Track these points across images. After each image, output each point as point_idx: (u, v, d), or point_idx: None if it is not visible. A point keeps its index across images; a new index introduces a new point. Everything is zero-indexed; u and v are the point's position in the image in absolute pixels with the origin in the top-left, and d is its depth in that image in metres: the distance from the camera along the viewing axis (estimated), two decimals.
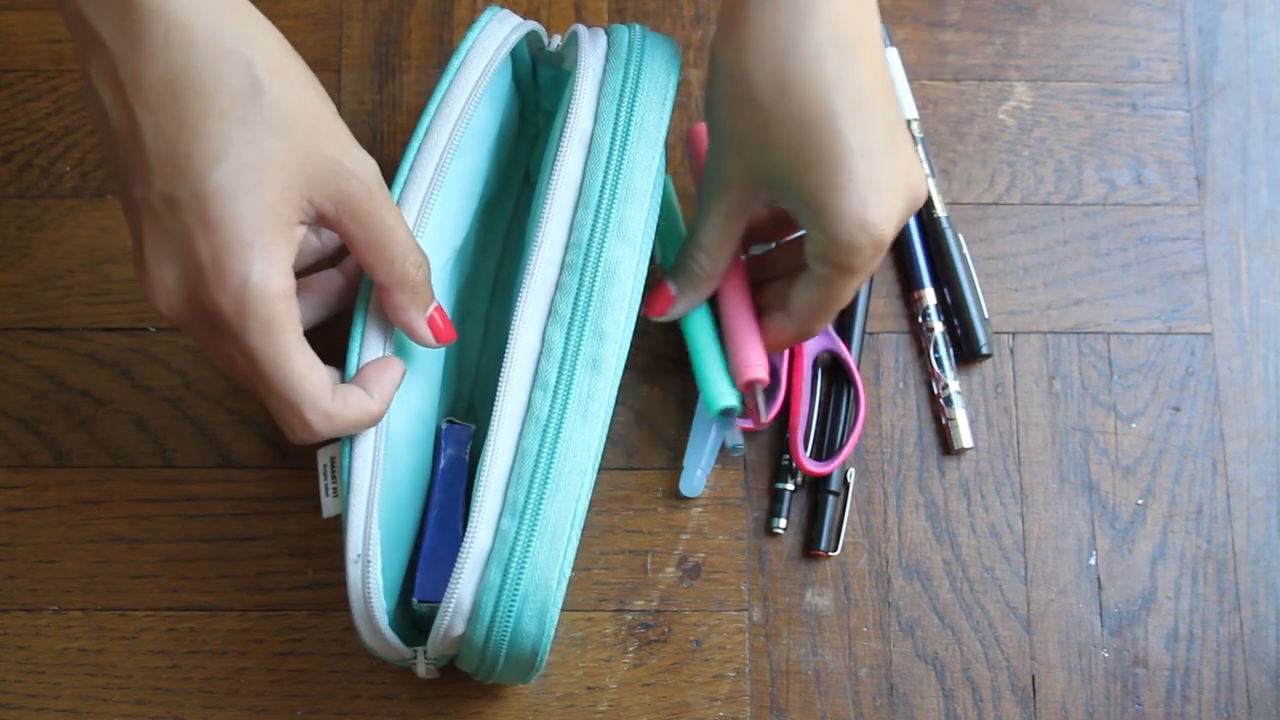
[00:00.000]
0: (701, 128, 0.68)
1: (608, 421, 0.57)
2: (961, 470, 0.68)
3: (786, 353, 0.67)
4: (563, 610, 0.65)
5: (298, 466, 0.67)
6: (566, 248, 0.58)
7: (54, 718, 0.65)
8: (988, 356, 0.69)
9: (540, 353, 0.57)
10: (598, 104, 0.59)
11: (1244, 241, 0.71)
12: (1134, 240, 0.71)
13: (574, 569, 0.66)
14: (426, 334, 0.56)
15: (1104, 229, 0.71)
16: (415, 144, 0.58)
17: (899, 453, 0.68)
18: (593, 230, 0.58)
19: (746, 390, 0.63)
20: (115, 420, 0.68)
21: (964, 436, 0.67)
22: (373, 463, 0.55)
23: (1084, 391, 0.69)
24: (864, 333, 0.69)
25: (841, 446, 0.67)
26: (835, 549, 0.66)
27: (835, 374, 0.68)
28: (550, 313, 0.57)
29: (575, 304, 0.57)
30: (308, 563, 0.66)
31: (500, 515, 0.55)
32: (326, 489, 0.58)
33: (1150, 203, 0.72)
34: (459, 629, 0.56)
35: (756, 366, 0.63)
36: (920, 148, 0.71)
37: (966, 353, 0.69)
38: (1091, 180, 0.72)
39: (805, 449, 0.66)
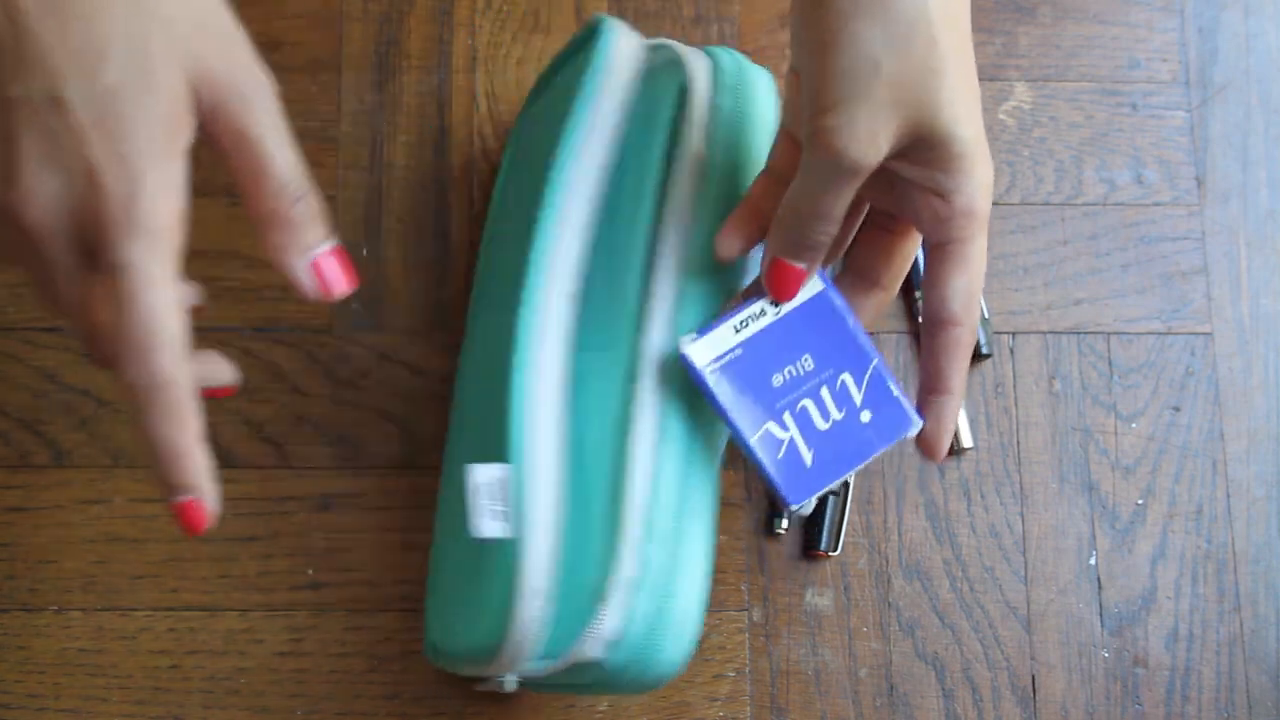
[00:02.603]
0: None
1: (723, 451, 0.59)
2: (961, 470, 0.68)
3: None
4: None
5: (298, 466, 0.67)
6: (686, 275, 0.57)
7: (54, 718, 0.64)
8: (988, 356, 0.69)
9: (669, 378, 0.56)
10: (708, 129, 0.59)
11: (1244, 241, 0.71)
12: (1134, 240, 0.71)
13: None
14: (306, 280, 0.50)
15: (1104, 229, 0.71)
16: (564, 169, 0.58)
17: (899, 453, 0.68)
18: (705, 253, 0.57)
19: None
20: (115, 420, 0.68)
21: (964, 436, 0.67)
22: (556, 495, 0.55)
23: (1084, 391, 0.69)
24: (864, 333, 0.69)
25: None
26: (835, 549, 0.66)
27: None
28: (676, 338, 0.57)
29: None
30: (308, 563, 0.66)
31: (646, 542, 0.54)
32: (482, 509, 0.55)
33: (1150, 203, 0.72)
34: (595, 654, 0.55)
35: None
36: None
37: None
38: (1091, 180, 0.72)
39: None
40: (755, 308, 0.55)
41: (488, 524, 0.54)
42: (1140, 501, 0.68)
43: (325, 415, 0.68)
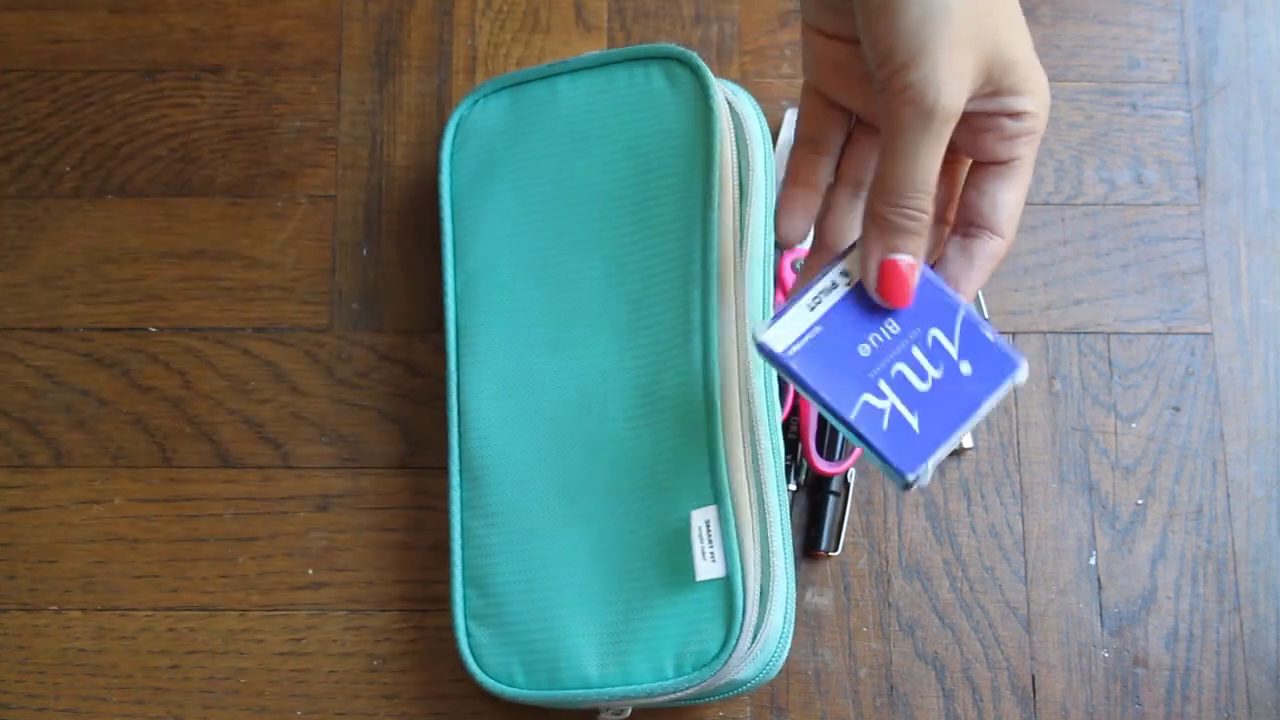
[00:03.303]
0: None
1: None
2: (961, 470, 0.68)
3: None
4: None
5: (298, 466, 0.67)
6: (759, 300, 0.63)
7: (54, 718, 0.64)
8: None
9: (750, 401, 0.61)
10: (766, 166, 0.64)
11: (1244, 241, 0.71)
12: (1134, 240, 0.71)
13: None
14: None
15: (1104, 229, 0.71)
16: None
17: None
18: (765, 282, 0.63)
19: None
20: (115, 420, 0.68)
21: (964, 436, 0.67)
22: (754, 533, 0.60)
23: (1084, 391, 0.69)
24: None
25: (845, 445, 0.67)
26: (835, 549, 0.66)
27: None
28: (752, 370, 0.62)
29: (764, 379, 0.62)
30: (308, 563, 0.66)
31: (783, 562, 0.61)
32: (703, 553, 0.59)
33: (1150, 203, 0.72)
34: (738, 674, 0.60)
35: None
36: None
37: None
38: (1091, 180, 0.72)
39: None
40: (825, 282, 0.52)
41: (705, 567, 0.59)
42: (1140, 501, 0.68)
43: (325, 415, 0.68)
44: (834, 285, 0.52)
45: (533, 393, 0.63)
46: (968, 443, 0.67)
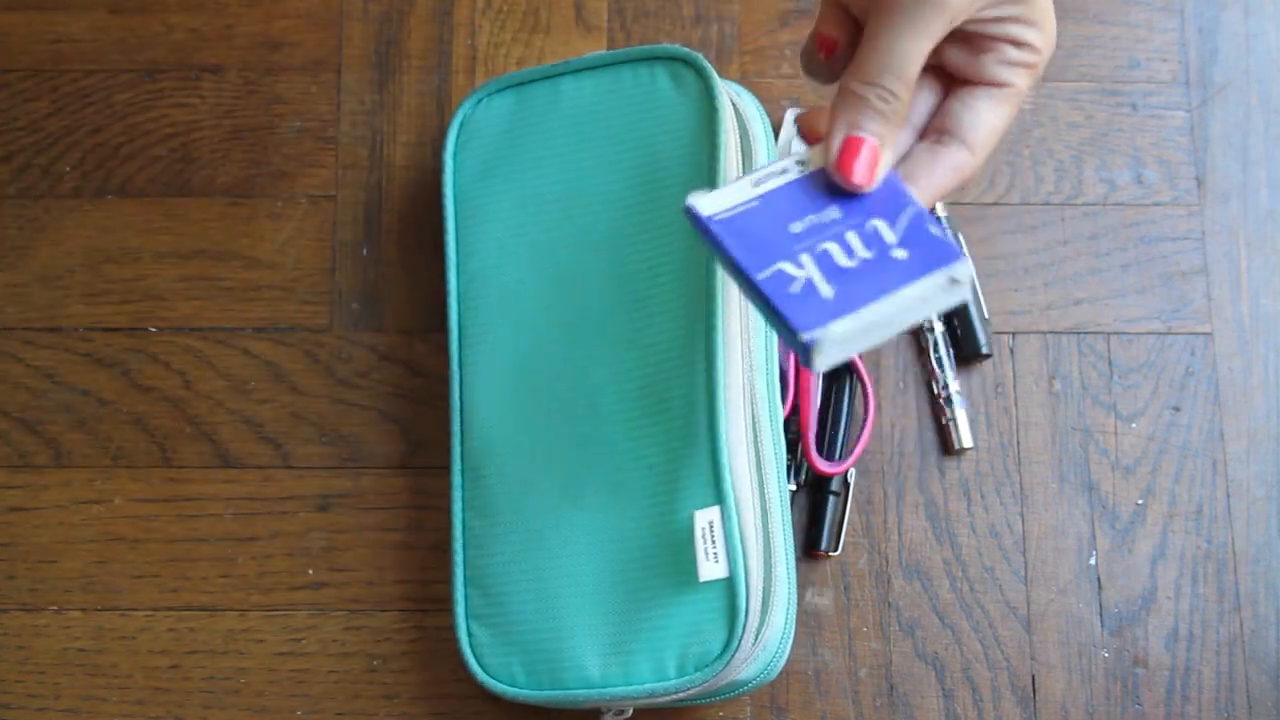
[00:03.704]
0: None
1: None
2: (961, 470, 0.68)
3: (793, 354, 0.67)
4: None
5: (298, 466, 0.67)
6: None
7: (54, 718, 0.64)
8: (988, 356, 0.69)
9: (753, 401, 0.62)
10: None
11: (1244, 241, 0.71)
12: (1134, 240, 0.71)
13: None
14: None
15: (1104, 229, 0.71)
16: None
17: (899, 453, 0.68)
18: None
19: None
20: (115, 420, 0.68)
21: (964, 436, 0.67)
22: (756, 535, 0.61)
23: (1084, 391, 0.69)
24: None
25: (845, 445, 0.67)
26: (835, 549, 0.66)
27: (834, 373, 0.68)
28: (755, 368, 0.62)
29: (768, 380, 0.62)
30: (308, 563, 0.66)
31: (784, 567, 0.61)
32: (706, 553, 0.60)
33: (1150, 203, 0.72)
34: (739, 674, 0.60)
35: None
36: None
37: (966, 353, 0.69)
38: (1091, 180, 0.72)
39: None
40: (777, 166, 0.50)
41: (708, 568, 0.59)
42: (1140, 501, 0.68)
43: (325, 415, 0.68)
44: (784, 171, 0.50)
45: (535, 393, 0.63)
46: (968, 443, 0.68)
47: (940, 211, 0.70)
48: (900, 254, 0.48)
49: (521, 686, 0.61)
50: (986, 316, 0.69)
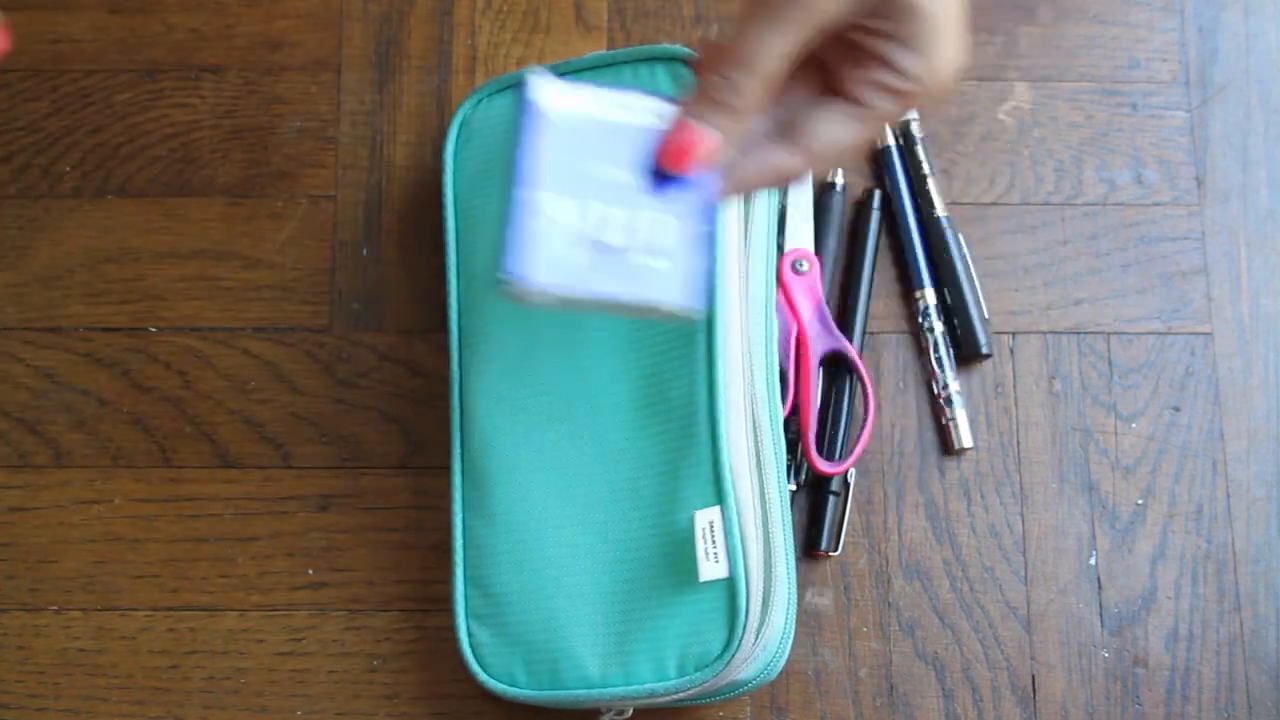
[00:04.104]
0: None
1: None
2: (961, 470, 0.68)
3: (793, 354, 0.67)
4: None
5: (298, 466, 0.67)
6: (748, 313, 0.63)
7: (54, 718, 0.64)
8: (988, 356, 0.69)
9: (754, 402, 0.61)
10: None
11: (1244, 241, 0.71)
12: (1134, 240, 0.71)
13: None
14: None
15: (1104, 229, 0.71)
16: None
17: (899, 453, 0.68)
18: (767, 288, 0.63)
19: None
20: (115, 420, 0.68)
21: (964, 436, 0.67)
22: (757, 533, 0.60)
23: (1084, 391, 0.69)
24: (864, 333, 0.69)
25: (845, 445, 0.67)
26: (835, 549, 0.66)
27: (834, 373, 0.68)
28: (755, 370, 0.62)
29: (768, 380, 0.62)
30: (308, 563, 0.66)
31: (785, 568, 0.60)
32: (707, 553, 0.59)
33: (1150, 203, 0.72)
34: (739, 674, 0.59)
35: None
36: (920, 148, 0.71)
37: (966, 353, 0.69)
38: (1091, 180, 0.72)
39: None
40: (638, 101, 0.48)
41: (709, 568, 0.59)
42: (1140, 501, 0.68)
43: (325, 415, 0.68)
44: (640, 110, 0.48)
45: (536, 393, 0.63)
46: (968, 443, 0.67)
47: (941, 211, 0.70)
48: (656, 264, 0.48)
49: (521, 686, 0.61)
50: (986, 316, 0.69)
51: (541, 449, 0.63)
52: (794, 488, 0.67)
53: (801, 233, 0.69)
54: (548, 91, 0.47)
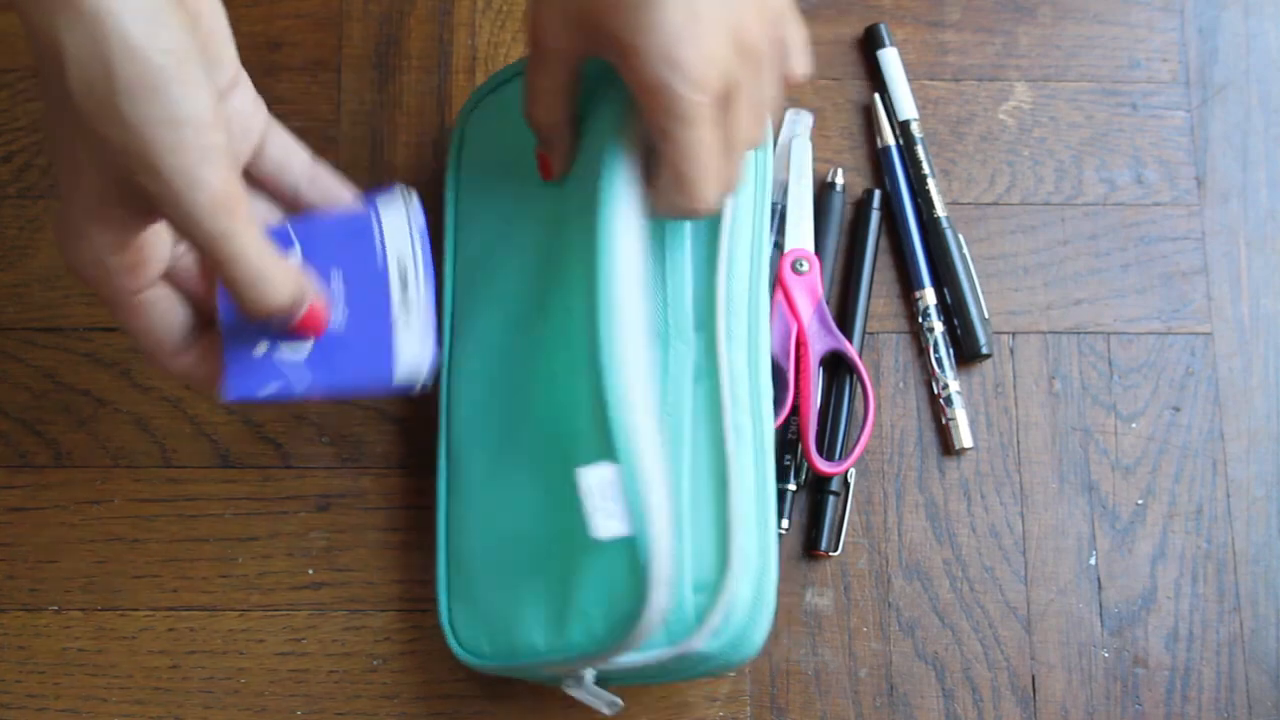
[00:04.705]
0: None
1: None
2: (961, 470, 0.68)
3: (793, 354, 0.67)
4: None
5: (298, 466, 0.67)
6: (730, 277, 0.60)
7: (54, 718, 0.65)
8: (988, 356, 0.69)
9: (733, 378, 0.59)
10: None
11: (1244, 241, 0.71)
12: (1134, 240, 0.71)
13: None
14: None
15: (1104, 229, 0.71)
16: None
17: (899, 453, 0.68)
18: (751, 261, 0.61)
19: None
20: (115, 420, 0.68)
21: (964, 436, 0.67)
22: (658, 475, 0.56)
23: (1084, 391, 0.69)
24: (864, 333, 0.69)
25: (845, 445, 0.67)
26: (835, 549, 0.66)
27: (834, 373, 0.68)
28: (730, 338, 0.60)
29: (749, 333, 0.60)
30: (308, 563, 0.66)
31: (746, 533, 0.58)
32: (598, 510, 0.56)
33: (1150, 203, 0.72)
34: (700, 646, 0.57)
35: None
36: (920, 148, 0.71)
37: (966, 353, 0.69)
38: (1091, 180, 0.72)
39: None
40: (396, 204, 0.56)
41: (605, 524, 0.55)
42: (1140, 501, 0.68)
43: (325, 415, 0.68)
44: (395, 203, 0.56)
45: (509, 374, 0.63)
46: (968, 443, 0.68)
47: (941, 211, 0.70)
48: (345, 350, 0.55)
49: (487, 658, 0.61)
50: (986, 316, 0.69)
51: (509, 428, 0.62)
52: (794, 488, 0.67)
53: (801, 233, 0.69)
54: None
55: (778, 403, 0.67)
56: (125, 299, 0.52)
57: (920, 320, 0.69)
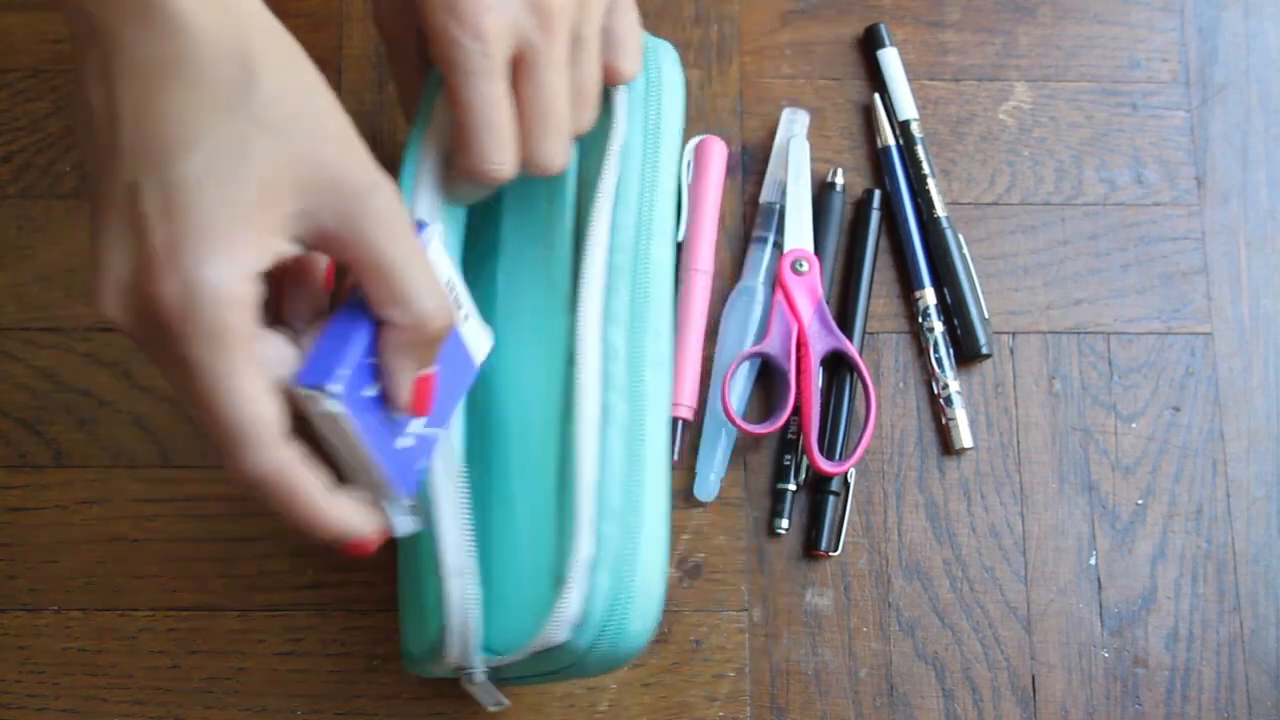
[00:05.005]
0: (709, 142, 0.70)
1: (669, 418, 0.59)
2: (961, 470, 0.68)
3: (793, 354, 0.67)
4: None
5: None
6: (612, 250, 0.59)
7: (54, 718, 0.65)
8: (988, 356, 0.69)
9: (606, 356, 0.57)
10: (627, 108, 0.61)
11: (1244, 241, 0.71)
12: (1134, 240, 0.71)
13: None
14: (403, 388, 0.49)
15: (1104, 229, 0.71)
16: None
17: (899, 453, 0.68)
18: (638, 232, 0.59)
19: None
20: (115, 420, 0.68)
21: (964, 436, 0.68)
22: (448, 471, 0.55)
23: (1084, 391, 0.69)
24: (864, 333, 0.69)
25: (846, 445, 0.67)
26: (835, 549, 0.66)
27: (835, 372, 0.68)
28: (608, 316, 0.58)
29: (632, 306, 0.58)
30: (308, 563, 0.66)
31: (600, 520, 0.55)
32: (396, 510, 0.55)
33: (1150, 203, 0.72)
34: (561, 637, 0.55)
35: (683, 406, 0.67)
36: (920, 148, 0.71)
37: (966, 353, 0.69)
38: (1091, 180, 0.72)
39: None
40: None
41: (403, 523, 0.54)
42: (1140, 501, 0.68)
43: None
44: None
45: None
46: (968, 443, 0.68)
47: (941, 211, 0.70)
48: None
49: (412, 662, 0.60)
50: (986, 316, 0.69)
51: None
52: (794, 487, 0.67)
53: (801, 233, 0.69)
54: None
55: (778, 403, 0.67)
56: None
57: (920, 320, 0.69)
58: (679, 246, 0.69)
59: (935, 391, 0.68)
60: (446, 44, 0.52)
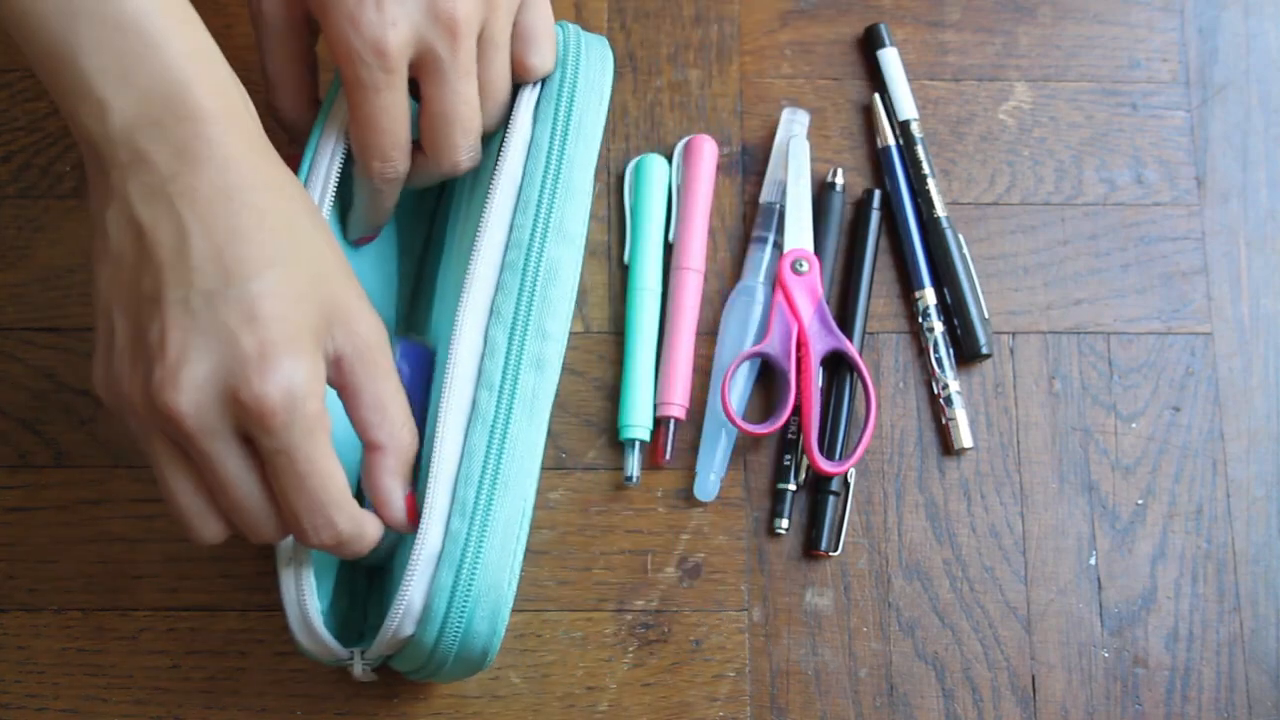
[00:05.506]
0: (698, 141, 0.69)
1: (548, 420, 0.58)
2: (961, 470, 0.68)
3: (793, 354, 0.67)
4: (562, 610, 0.65)
5: None
6: (506, 248, 0.59)
7: (54, 718, 0.64)
8: (988, 356, 0.69)
9: (484, 353, 0.57)
10: (537, 104, 0.60)
11: (1244, 241, 0.71)
12: (1134, 240, 0.71)
13: (574, 569, 0.66)
14: (399, 508, 0.55)
15: (1104, 229, 0.71)
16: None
17: (899, 453, 0.68)
18: (533, 231, 0.58)
19: (661, 424, 0.67)
20: (115, 420, 0.68)
21: (964, 436, 0.68)
22: None
23: (1084, 391, 0.69)
24: (864, 333, 0.69)
25: (846, 444, 0.67)
26: (835, 549, 0.66)
27: (835, 372, 0.68)
28: (492, 312, 0.58)
29: (518, 304, 0.58)
30: None
31: (450, 515, 0.55)
32: None
33: (1150, 203, 0.72)
34: (408, 630, 0.56)
35: (675, 405, 0.67)
36: (920, 148, 0.71)
37: (966, 353, 0.69)
38: (1091, 180, 0.72)
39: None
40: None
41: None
42: (1140, 501, 0.68)
43: None
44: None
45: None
46: (968, 443, 0.68)
47: (941, 211, 0.70)
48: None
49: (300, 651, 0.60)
50: (986, 316, 0.69)
51: None
52: (794, 487, 0.67)
53: (801, 233, 0.69)
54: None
55: (778, 403, 0.67)
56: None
57: (920, 320, 0.69)
58: (669, 245, 0.70)
59: (935, 391, 0.68)
60: (345, 56, 0.54)
